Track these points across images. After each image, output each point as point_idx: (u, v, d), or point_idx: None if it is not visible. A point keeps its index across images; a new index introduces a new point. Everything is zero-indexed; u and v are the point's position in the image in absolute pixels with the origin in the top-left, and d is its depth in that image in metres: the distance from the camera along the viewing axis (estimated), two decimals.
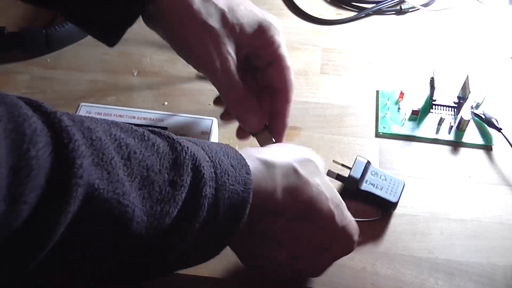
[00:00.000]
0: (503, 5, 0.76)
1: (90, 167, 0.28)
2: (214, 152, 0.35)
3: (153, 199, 0.31)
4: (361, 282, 0.50)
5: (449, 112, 0.63)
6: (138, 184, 0.30)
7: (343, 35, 0.72)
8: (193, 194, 0.32)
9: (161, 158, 0.32)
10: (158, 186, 0.31)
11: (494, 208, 0.56)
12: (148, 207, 0.30)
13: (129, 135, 0.32)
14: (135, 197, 0.30)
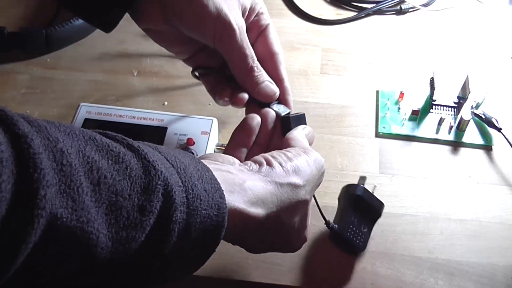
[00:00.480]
0: (503, 5, 0.76)
1: (54, 196, 0.28)
2: (189, 176, 0.35)
3: (120, 224, 0.31)
4: (361, 282, 0.50)
5: (449, 112, 0.63)
6: (106, 209, 0.30)
7: (343, 35, 0.72)
8: (162, 219, 0.32)
9: (132, 182, 0.32)
10: (126, 212, 0.31)
11: (494, 208, 0.56)
12: (113, 233, 0.30)
13: (103, 156, 0.31)
14: (101, 223, 0.30)
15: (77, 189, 0.29)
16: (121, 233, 0.30)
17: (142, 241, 0.31)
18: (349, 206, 0.51)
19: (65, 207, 0.28)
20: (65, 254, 0.29)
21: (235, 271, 0.50)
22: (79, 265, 0.30)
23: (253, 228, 0.38)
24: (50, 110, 0.62)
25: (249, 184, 0.38)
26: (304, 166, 0.41)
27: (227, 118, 0.61)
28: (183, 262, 0.35)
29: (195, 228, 0.34)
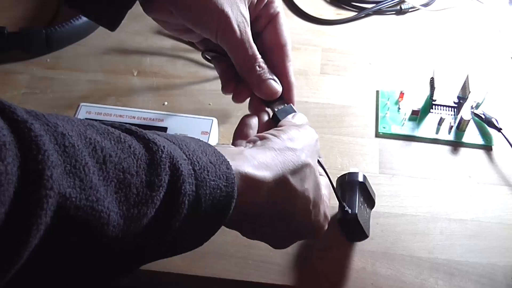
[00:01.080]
0: (503, 5, 0.76)
1: (61, 177, 0.28)
2: (192, 150, 0.35)
3: (130, 201, 0.31)
4: (361, 282, 0.50)
5: (449, 112, 0.63)
6: (114, 187, 0.30)
7: (343, 35, 0.72)
8: (172, 193, 0.32)
9: (137, 160, 0.32)
10: (135, 188, 0.31)
11: (494, 208, 0.56)
12: (124, 210, 0.30)
13: (105, 138, 0.32)
14: (111, 202, 0.30)
15: (83, 169, 0.29)
16: (132, 210, 0.30)
17: (153, 216, 0.31)
18: (354, 192, 0.51)
19: (72, 187, 0.28)
20: (78, 235, 0.29)
21: (235, 271, 0.50)
22: (92, 246, 0.30)
23: (264, 197, 0.38)
24: (50, 110, 0.62)
25: (250, 152, 0.39)
26: (297, 134, 0.43)
27: (227, 118, 0.61)
28: (193, 234, 0.35)
29: (205, 200, 0.34)
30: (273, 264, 0.51)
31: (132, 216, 0.31)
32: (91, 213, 0.29)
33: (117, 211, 0.30)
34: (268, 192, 0.38)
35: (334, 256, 0.51)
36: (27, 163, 0.27)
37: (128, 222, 0.30)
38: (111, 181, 0.30)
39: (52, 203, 0.27)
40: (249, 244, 0.52)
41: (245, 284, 0.50)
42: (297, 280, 0.50)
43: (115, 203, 0.30)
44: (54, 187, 0.27)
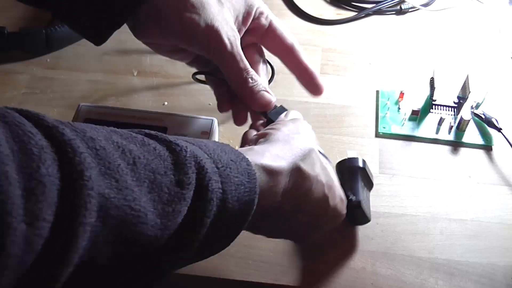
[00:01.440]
0: (503, 5, 0.76)
1: (98, 178, 0.28)
2: (212, 150, 0.36)
3: (163, 200, 0.31)
4: (361, 282, 0.50)
5: (449, 112, 0.63)
6: (147, 188, 0.31)
7: (343, 35, 0.72)
8: (200, 190, 0.33)
9: (164, 161, 0.32)
10: (167, 188, 0.31)
11: (494, 208, 0.56)
12: (160, 209, 0.31)
13: (130, 142, 0.32)
14: (146, 201, 0.30)
15: (117, 170, 0.29)
16: (166, 209, 0.31)
17: (186, 215, 0.32)
18: (356, 179, 0.52)
19: (110, 187, 0.29)
20: (119, 235, 0.29)
21: (235, 271, 0.50)
22: (132, 246, 0.30)
23: (283, 187, 0.39)
24: (50, 110, 0.62)
25: (259, 147, 0.40)
26: (293, 125, 0.45)
27: (227, 118, 0.61)
28: (222, 233, 0.36)
29: (231, 196, 0.34)
30: (273, 264, 0.51)
31: (167, 215, 0.31)
32: (130, 212, 0.29)
33: (153, 210, 0.31)
34: (285, 181, 0.39)
35: (334, 256, 0.51)
36: (66, 165, 0.27)
37: (164, 221, 0.31)
38: (143, 182, 0.31)
39: (95, 203, 0.27)
40: (249, 244, 0.52)
41: (245, 284, 0.50)
42: (297, 280, 0.50)
43: (150, 203, 0.30)
44: (95, 188, 0.27)
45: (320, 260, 0.51)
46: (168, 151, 0.33)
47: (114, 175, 0.29)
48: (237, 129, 0.59)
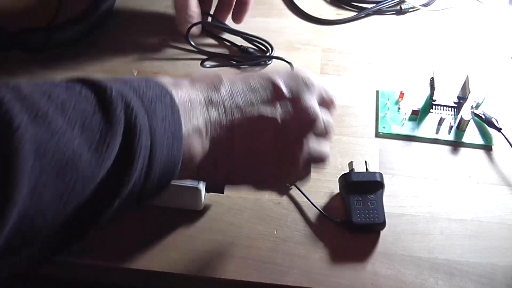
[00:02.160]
0: (503, 5, 0.76)
1: (29, 124, 0.29)
2: (137, 86, 0.36)
3: (96, 139, 0.32)
4: (361, 282, 0.50)
5: (449, 112, 0.63)
6: (79, 129, 0.31)
7: (343, 35, 0.72)
8: (129, 127, 0.34)
9: (91, 102, 0.33)
10: (97, 127, 0.32)
11: (494, 208, 0.56)
12: (93, 148, 0.32)
13: (55, 88, 0.33)
14: (79, 142, 0.31)
15: (46, 115, 0.30)
16: (100, 147, 0.32)
17: (119, 151, 0.33)
18: (347, 194, 0.53)
19: (42, 132, 0.29)
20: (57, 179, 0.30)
21: (235, 271, 0.50)
22: (71, 187, 0.31)
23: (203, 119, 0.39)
24: None
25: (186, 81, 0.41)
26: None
27: None
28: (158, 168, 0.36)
29: (158, 129, 0.35)
30: (273, 264, 0.51)
31: (101, 153, 0.32)
32: (65, 155, 0.30)
33: (87, 150, 0.31)
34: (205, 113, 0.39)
35: (334, 256, 0.51)
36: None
37: (99, 159, 0.32)
38: (74, 123, 0.31)
39: (29, 149, 0.28)
40: (249, 244, 0.52)
41: (245, 284, 0.50)
42: (297, 280, 0.50)
43: (83, 143, 0.31)
44: (26, 134, 0.28)
45: (320, 260, 0.51)
46: (94, 93, 0.34)
47: (44, 119, 0.29)
48: None
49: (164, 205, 0.53)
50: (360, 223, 0.52)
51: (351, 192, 0.53)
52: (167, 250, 0.51)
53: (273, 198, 0.55)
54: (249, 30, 0.71)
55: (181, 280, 0.51)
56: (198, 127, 0.38)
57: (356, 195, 0.53)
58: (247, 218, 0.54)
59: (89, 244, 0.51)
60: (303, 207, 0.55)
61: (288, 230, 0.53)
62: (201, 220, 0.53)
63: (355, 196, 0.53)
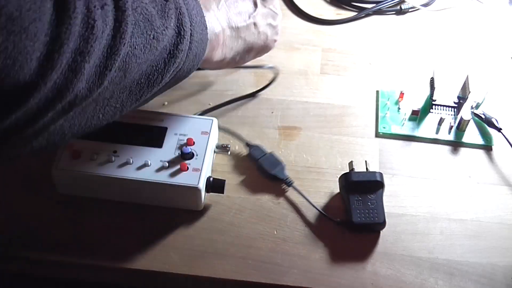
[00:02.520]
0: (503, 5, 0.76)
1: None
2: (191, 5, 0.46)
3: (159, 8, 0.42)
4: (361, 282, 0.50)
5: (449, 112, 0.63)
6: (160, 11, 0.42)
7: (343, 35, 0.72)
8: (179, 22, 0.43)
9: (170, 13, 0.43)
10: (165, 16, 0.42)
11: (494, 208, 0.56)
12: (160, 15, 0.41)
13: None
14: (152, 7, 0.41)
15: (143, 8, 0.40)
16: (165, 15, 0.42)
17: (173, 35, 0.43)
18: (347, 194, 0.53)
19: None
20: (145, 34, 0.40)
21: (235, 271, 0.50)
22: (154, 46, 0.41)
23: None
24: None
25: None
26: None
27: (227, 118, 0.61)
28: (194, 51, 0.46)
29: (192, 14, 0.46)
30: (273, 264, 0.51)
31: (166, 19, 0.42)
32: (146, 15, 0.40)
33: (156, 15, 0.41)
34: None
35: (334, 256, 0.51)
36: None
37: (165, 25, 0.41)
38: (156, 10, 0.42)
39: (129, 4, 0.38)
40: (249, 244, 0.52)
41: (245, 284, 0.50)
42: (297, 280, 0.50)
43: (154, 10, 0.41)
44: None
45: (320, 260, 0.51)
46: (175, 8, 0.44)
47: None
48: (237, 130, 0.60)
49: (164, 205, 0.53)
50: (360, 223, 0.52)
51: (351, 192, 0.53)
52: (167, 250, 0.51)
53: (273, 198, 0.55)
54: None
55: (181, 280, 0.51)
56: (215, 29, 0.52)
57: (356, 195, 0.53)
58: (247, 218, 0.54)
59: (89, 244, 0.51)
60: (303, 207, 0.55)
61: (288, 230, 0.53)
62: (201, 220, 0.53)
63: (355, 196, 0.53)
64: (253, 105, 0.63)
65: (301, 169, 0.58)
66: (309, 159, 0.59)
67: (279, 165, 0.57)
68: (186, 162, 0.52)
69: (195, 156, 0.52)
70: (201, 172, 0.51)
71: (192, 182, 0.51)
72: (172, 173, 0.51)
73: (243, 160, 0.58)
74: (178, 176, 0.51)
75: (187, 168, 0.51)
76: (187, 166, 0.51)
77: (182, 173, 0.51)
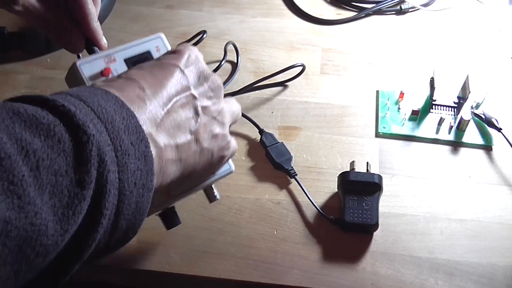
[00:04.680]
0: (503, 5, 0.76)
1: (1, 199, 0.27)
2: (116, 131, 0.34)
3: (63, 204, 0.30)
4: (361, 282, 0.50)
5: (449, 112, 0.63)
6: (48, 194, 0.30)
7: (343, 35, 0.72)
8: (99, 185, 0.32)
9: (67, 157, 0.31)
10: (67, 190, 0.30)
11: (494, 208, 0.56)
12: (60, 215, 0.30)
13: (34, 134, 0.30)
14: (47, 211, 0.29)
15: (20, 184, 0.28)
16: (66, 213, 0.30)
17: (86, 214, 0.31)
18: (345, 193, 0.54)
19: (12, 208, 0.27)
20: (17, 252, 0.28)
21: (235, 271, 0.50)
22: (33, 259, 0.29)
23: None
24: None
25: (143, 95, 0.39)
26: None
27: None
28: (126, 220, 0.35)
29: (127, 183, 0.34)
30: (273, 264, 0.51)
31: (68, 219, 0.30)
32: (30, 229, 0.28)
33: (53, 218, 0.29)
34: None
35: (334, 256, 0.51)
36: None
37: (64, 226, 0.30)
38: (45, 189, 0.29)
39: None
40: (249, 244, 0.52)
41: (245, 284, 0.50)
42: (297, 280, 0.50)
43: (50, 211, 0.29)
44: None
45: (320, 260, 0.51)
46: (73, 143, 0.32)
47: (17, 190, 0.28)
48: (238, 129, 0.59)
49: None
50: (352, 222, 0.52)
51: (347, 191, 0.53)
52: (167, 250, 0.51)
53: (273, 198, 0.55)
54: (249, 30, 0.71)
55: (181, 280, 0.51)
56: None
57: (352, 195, 0.53)
58: (247, 218, 0.54)
59: None
60: (303, 207, 0.55)
61: (288, 230, 0.53)
62: (201, 220, 0.53)
63: (351, 196, 0.53)
64: (253, 105, 0.63)
65: (301, 169, 0.58)
66: (309, 159, 0.59)
67: (286, 155, 0.58)
68: None
69: None
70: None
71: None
72: None
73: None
74: None
75: None
76: None
77: None
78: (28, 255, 0.29)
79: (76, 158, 0.31)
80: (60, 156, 0.31)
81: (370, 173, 0.54)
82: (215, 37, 0.70)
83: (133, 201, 0.35)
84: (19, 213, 0.28)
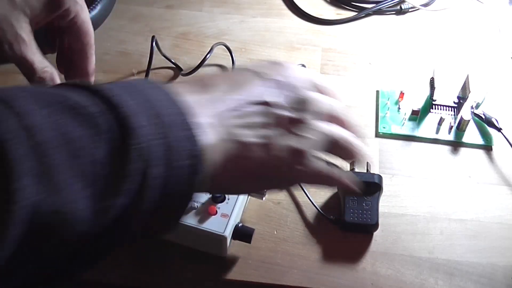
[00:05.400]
0: (503, 5, 0.76)
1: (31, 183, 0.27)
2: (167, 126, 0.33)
3: (102, 194, 0.30)
4: (361, 282, 0.50)
5: (449, 112, 0.63)
6: (87, 182, 0.29)
7: (343, 35, 0.72)
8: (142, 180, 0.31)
9: (108, 147, 0.30)
10: (106, 179, 0.30)
11: (494, 208, 0.56)
12: (95, 204, 0.29)
13: (77, 122, 0.30)
14: (82, 198, 0.29)
15: (55, 169, 0.28)
16: (102, 203, 0.29)
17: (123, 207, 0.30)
18: (345, 193, 0.54)
19: (43, 192, 0.27)
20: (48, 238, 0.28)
21: (235, 271, 0.50)
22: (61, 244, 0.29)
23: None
24: None
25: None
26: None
27: None
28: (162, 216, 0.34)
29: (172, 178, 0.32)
30: (273, 264, 0.51)
31: (103, 209, 0.29)
32: (61, 216, 0.28)
33: (87, 206, 0.29)
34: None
35: (334, 256, 0.51)
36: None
37: (100, 216, 0.29)
38: (82, 177, 0.29)
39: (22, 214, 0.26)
40: (249, 244, 0.52)
41: (245, 284, 0.50)
42: (297, 280, 0.50)
43: (86, 199, 0.29)
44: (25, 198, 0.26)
45: (320, 260, 0.51)
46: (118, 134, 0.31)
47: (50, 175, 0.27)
48: None
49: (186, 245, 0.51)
50: (352, 222, 0.52)
51: (347, 191, 0.53)
52: (167, 250, 0.51)
53: (273, 198, 0.55)
54: (249, 30, 0.71)
55: (181, 280, 0.51)
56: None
57: (352, 195, 0.53)
58: (247, 218, 0.54)
59: None
60: (303, 207, 0.55)
61: (288, 230, 0.53)
62: None
63: (351, 195, 0.53)
64: None
65: None
66: None
67: None
68: (216, 206, 0.49)
69: (226, 200, 0.50)
70: (229, 218, 0.48)
71: (218, 230, 0.48)
72: (199, 215, 0.48)
73: None
74: (205, 220, 0.48)
75: (215, 212, 0.49)
76: (216, 210, 0.49)
77: (211, 217, 0.48)
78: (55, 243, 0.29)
79: (119, 148, 0.30)
80: (101, 148, 0.30)
81: (370, 173, 0.54)
82: (215, 37, 0.70)
83: (176, 197, 0.33)
84: (51, 197, 0.27)
